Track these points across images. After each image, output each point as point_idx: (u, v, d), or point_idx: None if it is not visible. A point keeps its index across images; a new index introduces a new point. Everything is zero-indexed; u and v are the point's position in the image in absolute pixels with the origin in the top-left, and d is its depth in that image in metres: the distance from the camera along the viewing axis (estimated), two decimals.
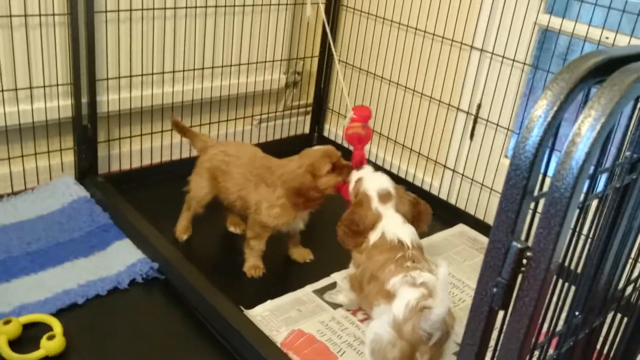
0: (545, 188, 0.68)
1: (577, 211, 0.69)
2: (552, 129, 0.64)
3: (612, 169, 0.76)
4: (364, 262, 1.56)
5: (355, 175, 1.70)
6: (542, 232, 0.65)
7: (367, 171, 1.70)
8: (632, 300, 1.09)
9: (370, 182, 1.65)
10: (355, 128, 1.97)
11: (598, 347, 1.12)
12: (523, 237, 0.71)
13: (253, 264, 1.85)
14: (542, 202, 0.69)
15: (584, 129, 0.62)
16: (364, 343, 1.61)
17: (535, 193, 0.69)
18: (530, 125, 0.65)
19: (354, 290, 1.64)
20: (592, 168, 0.64)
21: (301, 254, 1.96)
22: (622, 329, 1.15)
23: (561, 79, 0.65)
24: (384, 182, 1.65)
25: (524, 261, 0.68)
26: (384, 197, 1.62)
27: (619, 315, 1.09)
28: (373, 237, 1.57)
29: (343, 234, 1.62)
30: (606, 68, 0.68)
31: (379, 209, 1.60)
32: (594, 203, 0.76)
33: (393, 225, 1.57)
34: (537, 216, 0.69)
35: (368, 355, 1.43)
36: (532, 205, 0.71)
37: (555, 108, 0.64)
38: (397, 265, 1.47)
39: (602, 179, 0.79)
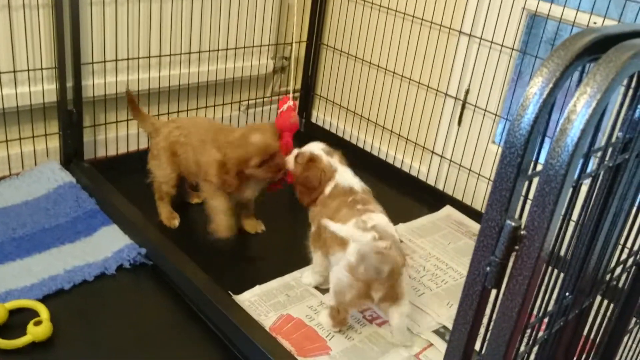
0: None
1: (571, 190, 0.69)
2: (547, 107, 0.64)
3: (605, 148, 0.77)
4: (319, 212, 1.64)
5: (293, 153, 1.77)
6: (536, 210, 0.65)
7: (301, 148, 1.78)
8: (620, 283, 1.10)
9: (309, 146, 1.75)
10: (294, 118, 2.01)
11: (585, 332, 1.13)
12: (516, 217, 0.71)
13: (221, 222, 1.82)
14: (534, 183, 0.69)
15: (579, 106, 0.62)
16: (351, 327, 1.62)
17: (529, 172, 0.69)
18: (525, 102, 0.64)
19: (317, 248, 1.69)
20: (586, 146, 0.64)
21: (252, 225, 1.98)
22: (608, 314, 1.16)
23: (557, 56, 0.65)
24: (320, 144, 1.75)
25: (518, 240, 0.68)
26: (330, 153, 1.72)
27: (605, 302, 1.10)
28: (327, 189, 1.66)
29: (300, 192, 1.71)
30: (601, 45, 0.67)
31: (331, 163, 1.69)
32: (583, 187, 0.76)
33: (345, 175, 1.68)
34: (529, 199, 0.69)
35: (332, 296, 1.55)
36: (526, 186, 0.71)
37: (550, 85, 0.63)
38: (349, 209, 1.58)
39: (590, 162, 0.79)
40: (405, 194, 2.33)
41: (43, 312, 1.52)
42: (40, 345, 1.46)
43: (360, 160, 2.55)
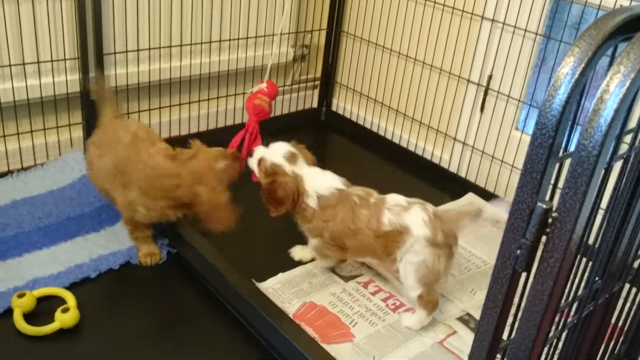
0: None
1: (602, 172, 0.68)
2: (580, 87, 0.63)
3: (637, 129, 0.75)
4: (324, 227, 1.60)
5: (256, 155, 1.68)
6: (568, 192, 0.64)
7: (262, 149, 1.69)
8: None
9: (271, 152, 1.65)
10: (262, 101, 1.97)
11: (613, 320, 1.12)
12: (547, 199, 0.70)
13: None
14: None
15: (612, 85, 0.61)
16: (375, 314, 1.62)
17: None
18: (556, 83, 0.63)
19: (328, 258, 1.69)
20: (619, 127, 0.63)
21: None
22: (637, 301, 1.14)
23: (588, 35, 0.63)
24: (283, 147, 1.66)
25: (549, 222, 0.67)
26: (291, 158, 1.64)
27: (634, 290, 1.09)
28: (311, 202, 1.60)
29: (266, 203, 1.64)
30: (633, 25, 0.66)
31: (295, 171, 1.62)
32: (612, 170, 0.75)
33: (319, 180, 1.62)
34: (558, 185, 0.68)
35: (416, 286, 1.53)
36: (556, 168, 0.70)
37: (583, 65, 0.62)
38: (366, 207, 1.56)
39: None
40: (427, 182, 2.32)
41: (70, 299, 1.54)
42: (68, 332, 1.48)
43: (381, 148, 2.54)
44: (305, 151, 1.70)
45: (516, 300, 0.76)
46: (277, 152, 1.64)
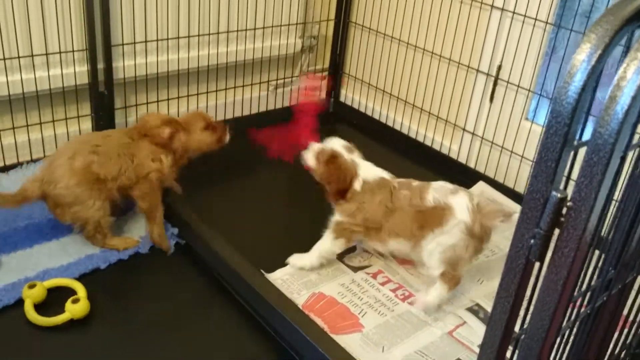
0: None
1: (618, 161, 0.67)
2: (596, 74, 0.62)
3: None
4: (359, 208, 1.64)
5: (313, 148, 1.73)
6: (583, 180, 0.64)
7: (319, 144, 1.74)
8: None
9: (330, 143, 1.72)
10: (313, 97, 1.96)
11: (625, 312, 1.11)
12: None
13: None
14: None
15: (629, 72, 0.60)
16: (384, 305, 1.61)
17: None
18: (572, 70, 0.62)
19: (344, 238, 1.69)
20: (636, 114, 0.62)
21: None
22: None
23: (605, 21, 0.62)
24: (339, 140, 1.74)
25: (564, 212, 0.66)
26: (350, 149, 1.72)
27: None
28: (357, 185, 1.65)
29: (326, 183, 1.69)
30: None
31: (353, 159, 1.68)
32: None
33: (370, 169, 1.68)
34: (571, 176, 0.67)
35: (438, 264, 1.57)
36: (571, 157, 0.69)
37: (599, 52, 0.61)
38: (407, 188, 1.62)
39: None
40: (436, 173, 2.31)
41: (80, 290, 1.55)
42: (79, 323, 1.49)
43: (390, 139, 2.53)
44: (358, 150, 1.76)
45: (529, 291, 0.76)
46: (336, 143, 1.72)
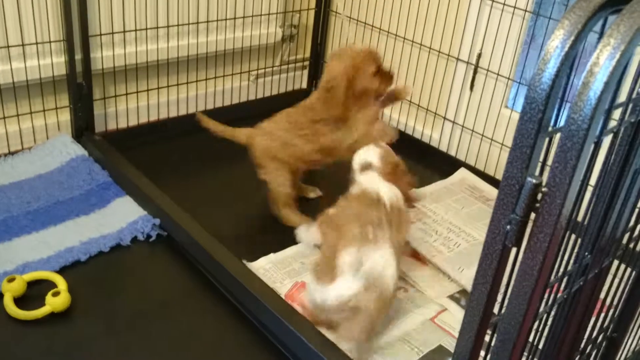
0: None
1: (592, 147, 0.68)
2: (570, 60, 0.62)
3: (626, 104, 0.75)
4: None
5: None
6: (557, 166, 0.64)
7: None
8: (638, 246, 1.09)
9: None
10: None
11: (602, 296, 1.13)
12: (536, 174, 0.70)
13: None
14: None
15: (602, 58, 0.60)
16: None
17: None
18: (546, 56, 0.63)
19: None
20: (609, 100, 0.63)
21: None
22: (624, 278, 1.15)
23: (578, 7, 0.63)
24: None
25: (539, 197, 0.67)
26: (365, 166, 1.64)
27: (622, 266, 1.09)
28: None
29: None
30: None
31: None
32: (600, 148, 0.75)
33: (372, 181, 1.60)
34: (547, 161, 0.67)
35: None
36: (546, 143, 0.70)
37: (572, 38, 0.62)
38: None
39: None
40: (417, 161, 2.32)
41: (61, 283, 1.54)
42: (59, 316, 1.48)
43: None
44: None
45: (507, 276, 0.77)
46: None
